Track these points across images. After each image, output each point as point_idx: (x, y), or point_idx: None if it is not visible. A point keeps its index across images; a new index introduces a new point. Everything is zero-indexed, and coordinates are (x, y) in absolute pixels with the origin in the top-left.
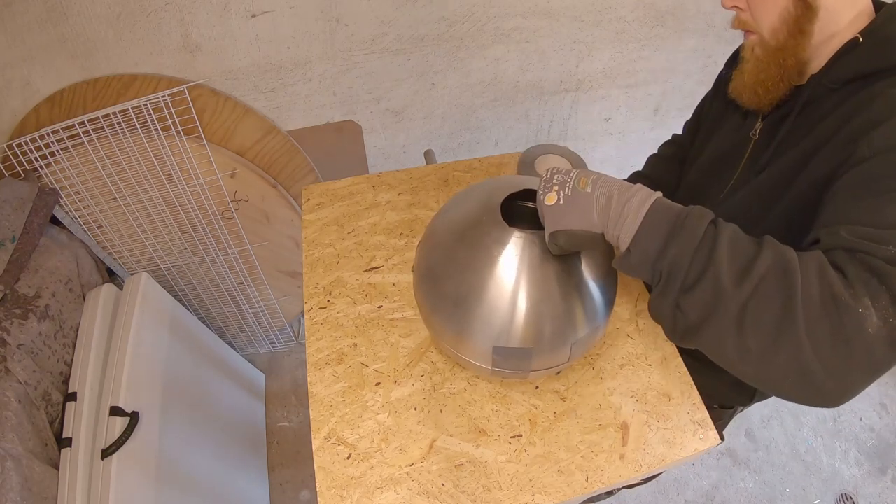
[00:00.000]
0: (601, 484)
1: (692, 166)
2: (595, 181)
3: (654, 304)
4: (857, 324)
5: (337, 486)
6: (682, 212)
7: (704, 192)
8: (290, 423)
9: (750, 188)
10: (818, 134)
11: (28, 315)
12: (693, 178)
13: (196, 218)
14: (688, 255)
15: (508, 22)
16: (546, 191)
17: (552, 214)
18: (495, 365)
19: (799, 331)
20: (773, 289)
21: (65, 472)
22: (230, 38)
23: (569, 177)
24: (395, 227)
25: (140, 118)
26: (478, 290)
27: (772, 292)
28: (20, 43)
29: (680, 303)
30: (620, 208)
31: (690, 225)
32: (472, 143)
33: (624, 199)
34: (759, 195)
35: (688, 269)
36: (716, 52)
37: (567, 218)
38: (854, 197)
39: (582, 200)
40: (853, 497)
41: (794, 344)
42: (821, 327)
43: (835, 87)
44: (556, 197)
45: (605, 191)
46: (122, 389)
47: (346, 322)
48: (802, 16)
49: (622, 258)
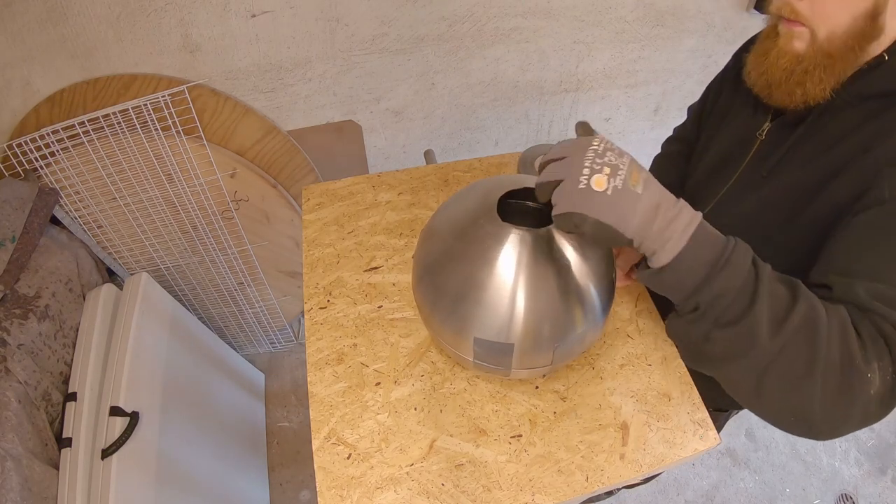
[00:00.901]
0: (601, 484)
1: (699, 162)
2: (647, 181)
3: (679, 329)
4: (864, 386)
5: (337, 486)
6: (727, 245)
7: (705, 186)
8: (290, 423)
9: (760, 198)
10: (838, 155)
11: (28, 315)
12: (697, 175)
13: (196, 218)
14: (730, 293)
15: (508, 22)
16: (595, 170)
17: (590, 199)
18: (476, 357)
19: (815, 386)
20: (802, 347)
21: (65, 472)
22: (230, 38)
23: (622, 163)
24: (395, 227)
25: (140, 118)
26: (468, 280)
27: (800, 350)
28: (20, 43)
29: (711, 335)
30: (665, 224)
31: (735, 261)
32: (472, 143)
33: (670, 215)
34: (774, 208)
35: (728, 306)
36: (716, 52)
37: (607, 211)
38: (871, 244)
39: (629, 199)
40: (853, 497)
41: (807, 396)
42: (833, 385)
43: (853, 103)
44: (606, 184)
45: (653, 198)
46: (122, 389)
47: (346, 322)
48: (868, 34)
49: (653, 275)
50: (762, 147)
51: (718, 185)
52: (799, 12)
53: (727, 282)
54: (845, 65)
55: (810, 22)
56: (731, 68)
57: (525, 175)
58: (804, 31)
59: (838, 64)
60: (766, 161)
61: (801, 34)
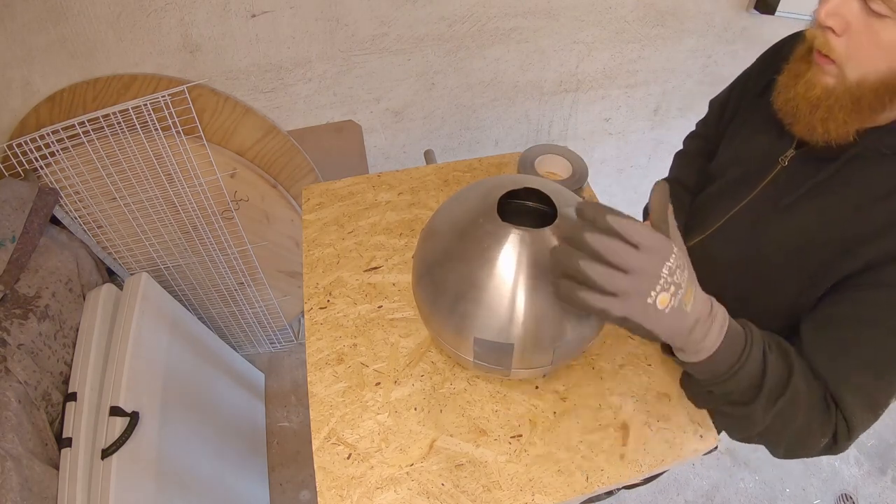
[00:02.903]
0: (601, 484)
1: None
2: (695, 299)
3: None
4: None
5: (337, 486)
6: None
7: (717, 200)
8: (290, 423)
9: (768, 232)
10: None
11: (28, 315)
12: (711, 187)
13: (196, 218)
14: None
15: (508, 22)
16: (662, 289)
17: (651, 313)
18: (476, 357)
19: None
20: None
21: (65, 472)
22: (230, 38)
23: (683, 281)
24: (395, 227)
25: (140, 118)
26: (468, 280)
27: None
28: (20, 43)
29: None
30: (701, 338)
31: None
32: (472, 143)
33: (706, 328)
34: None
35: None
36: (716, 52)
37: (658, 325)
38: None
39: (680, 318)
40: (853, 497)
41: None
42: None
43: (888, 154)
44: (668, 303)
45: (696, 314)
46: (122, 389)
47: (346, 322)
48: None
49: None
50: (782, 175)
51: (731, 204)
52: (833, 48)
53: (741, 379)
54: (872, 111)
55: (842, 61)
56: (759, 74)
57: (525, 175)
58: (834, 68)
59: (865, 110)
60: (783, 193)
61: (832, 71)
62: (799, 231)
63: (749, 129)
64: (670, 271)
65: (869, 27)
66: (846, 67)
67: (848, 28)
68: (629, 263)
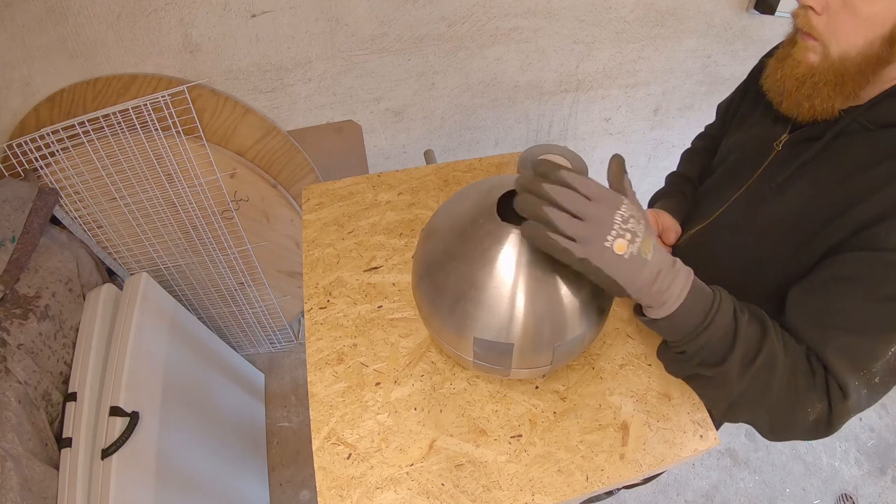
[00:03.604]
0: (601, 484)
1: (717, 164)
2: (654, 248)
3: (667, 359)
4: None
5: (337, 486)
6: (713, 303)
7: (716, 189)
8: (290, 423)
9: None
10: (854, 187)
11: (28, 315)
12: (712, 178)
13: (196, 218)
14: (713, 344)
15: (508, 22)
16: (620, 234)
17: (610, 258)
18: (476, 357)
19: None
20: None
21: (65, 472)
22: (230, 38)
23: (640, 231)
24: (395, 227)
25: (140, 118)
26: (468, 279)
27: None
28: (20, 43)
29: (694, 371)
30: (664, 288)
31: (719, 320)
32: (472, 143)
33: (669, 279)
34: (779, 223)
35: (710, 353)
36: (716, 52)
37: (620, 272)
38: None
39: (639, 265)
40: (853, 497)
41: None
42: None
43: (871, 129)
44: (626, 250)
45: (657, 264)
46: (122, 389)
47: (346, 322)
48: (883, 59)
49: (649, 323)
50: (777, 158)
51: (730, 191)
52: (814, 27)
53: (711, 336)
54: (856, 87)
55: (824, 38)
56: (758, 73)
57: None
58: (818, 45)
59: (849, 84)
60: (777, 173)
61: (815, 48)
62: (792, 207)
63: (748, 123)
64: (623, 219)
65: (847, 4)
66: (829, 44)
67: (827, 7)
68: (584, 212)
